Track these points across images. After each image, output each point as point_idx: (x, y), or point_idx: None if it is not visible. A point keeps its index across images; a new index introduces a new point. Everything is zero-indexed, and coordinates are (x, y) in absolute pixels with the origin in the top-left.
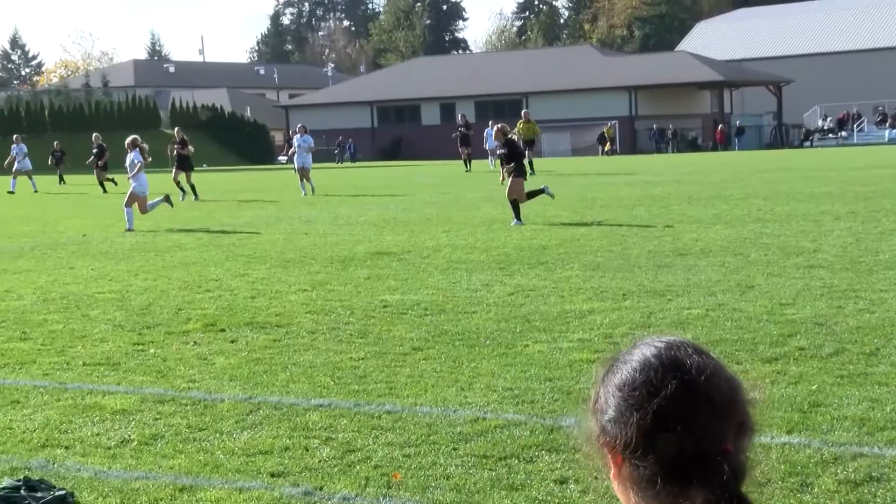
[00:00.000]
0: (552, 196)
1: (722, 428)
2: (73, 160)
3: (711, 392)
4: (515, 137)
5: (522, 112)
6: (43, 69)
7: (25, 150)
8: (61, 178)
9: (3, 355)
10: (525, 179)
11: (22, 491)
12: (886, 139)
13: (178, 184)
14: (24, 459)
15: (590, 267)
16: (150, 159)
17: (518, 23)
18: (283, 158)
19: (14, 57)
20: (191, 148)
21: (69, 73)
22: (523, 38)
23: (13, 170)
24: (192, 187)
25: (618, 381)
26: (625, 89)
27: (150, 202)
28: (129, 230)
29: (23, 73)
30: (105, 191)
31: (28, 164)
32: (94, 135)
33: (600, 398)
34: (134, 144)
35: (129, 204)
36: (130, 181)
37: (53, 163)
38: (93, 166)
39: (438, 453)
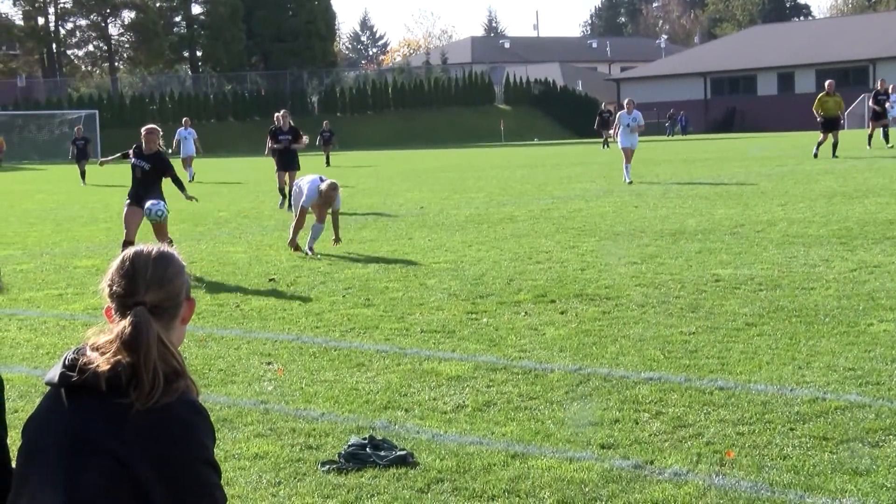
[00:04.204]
0: None
1: None
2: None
3: None
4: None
5: (826, 83)
6: (388, 48)
7: (195, 135)
8: (327, 161)
9: (350, 320)
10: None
11: (367, 449)
12: None
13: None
14: (368, 419)
15: None
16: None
17: None
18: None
19: (363, 38)
20: (305, 139)
21: (411, 51)
22: (874, 0)
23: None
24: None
25: None
26: None
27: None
28: None
29: (370, 53)
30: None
31: (191, 149)
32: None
33: None
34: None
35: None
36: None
37: (321, 143)
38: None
39: (774, 433)
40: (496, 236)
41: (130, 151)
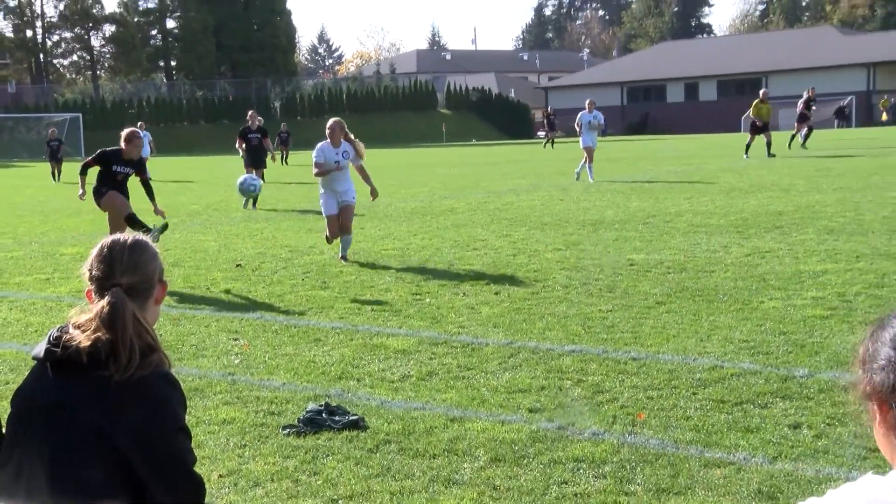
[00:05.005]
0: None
1: None
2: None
3: None
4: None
5: (761, 91)
6: (343, 60)
7: (150, 137)
8: (284, 159)
9: (308, 301)
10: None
11: (323, 414)
12: None
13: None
14: (324, 388)
15: (824, 231)
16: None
17: (761, 7)
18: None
19: (321, 50)
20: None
21: (363, 62)
22: (765, 21)
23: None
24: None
25: (888, 335)
26: (863, 66)
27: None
28: None
29: (327, 63)
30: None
31: (146, 151)
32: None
33: (869, 351)
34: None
35: None
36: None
37: (279, 143)
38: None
39: (679, 397)
40: (438, 226)
41: (106, 155)
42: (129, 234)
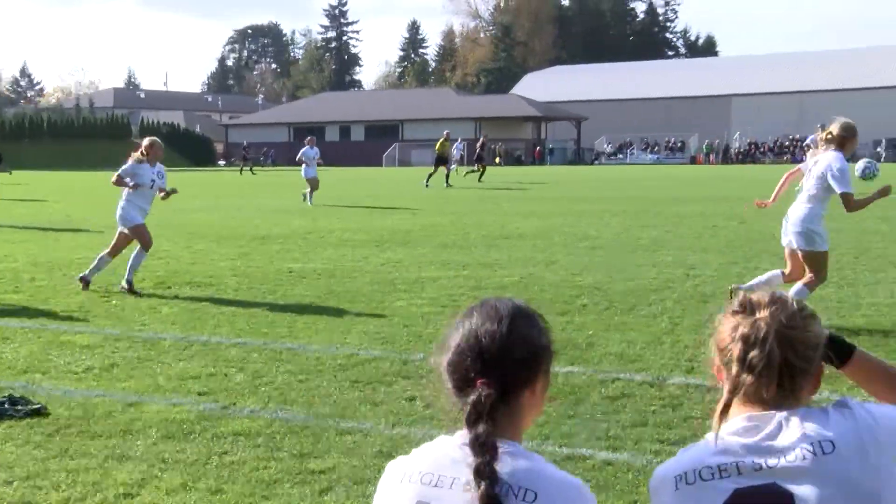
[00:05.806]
0: None
1: (484, 369)
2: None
3: (486, 347)
4: None
5: (445, 132)
6: (44, 92)
7: None
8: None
9: None
10: None
11: (5, 405)
12: (649, 161)
13: None
14: (9, 381)
15: (440, 246)
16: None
17: (399, 69)
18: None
19: (22, 83)
20: None
21: (64, 95)
22: (402, 80)
23: None
24: None
25: (456, 333)
26: (472, 119)
27: None
28: None
29: (28, 94)
30: None
31: None
32: None
33: (446, 340)
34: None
35: None
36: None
37: None
38: None
39: (323, 379)
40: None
41: None
42: None
